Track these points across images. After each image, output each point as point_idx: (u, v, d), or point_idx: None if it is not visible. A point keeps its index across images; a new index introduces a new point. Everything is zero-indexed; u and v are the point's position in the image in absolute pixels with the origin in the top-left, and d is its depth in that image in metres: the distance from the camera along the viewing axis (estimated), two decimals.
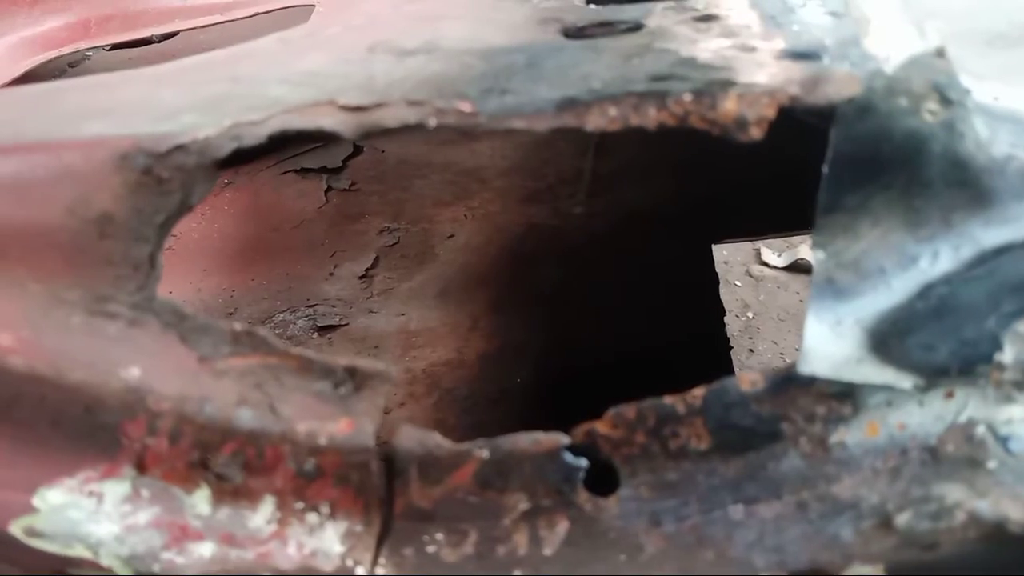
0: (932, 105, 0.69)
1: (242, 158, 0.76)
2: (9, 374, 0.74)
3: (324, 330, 1.73)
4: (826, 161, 0.70)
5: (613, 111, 0.70)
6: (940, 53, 0.71)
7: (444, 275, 1.80)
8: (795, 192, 1.49)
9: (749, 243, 2.79)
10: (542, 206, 1.84)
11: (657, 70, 0.73)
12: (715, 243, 1.79)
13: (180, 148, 0.73)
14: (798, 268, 2.75)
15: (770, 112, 0.68)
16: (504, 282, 1.75)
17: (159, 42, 1.93)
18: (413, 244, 1.85)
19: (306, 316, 1.75)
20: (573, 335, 1.65)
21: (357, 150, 1.88)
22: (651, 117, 0.69)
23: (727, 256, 2.79)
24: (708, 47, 0.77)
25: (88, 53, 2.00)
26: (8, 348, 0.74)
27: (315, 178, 1.91)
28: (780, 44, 0.76)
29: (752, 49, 0.76)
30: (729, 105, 0.69)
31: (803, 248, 2.73)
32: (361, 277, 1.80)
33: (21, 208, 0.76)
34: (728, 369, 1.59)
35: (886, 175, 0.70)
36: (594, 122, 0.70)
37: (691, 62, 0.74)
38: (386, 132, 0.73)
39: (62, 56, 1.80)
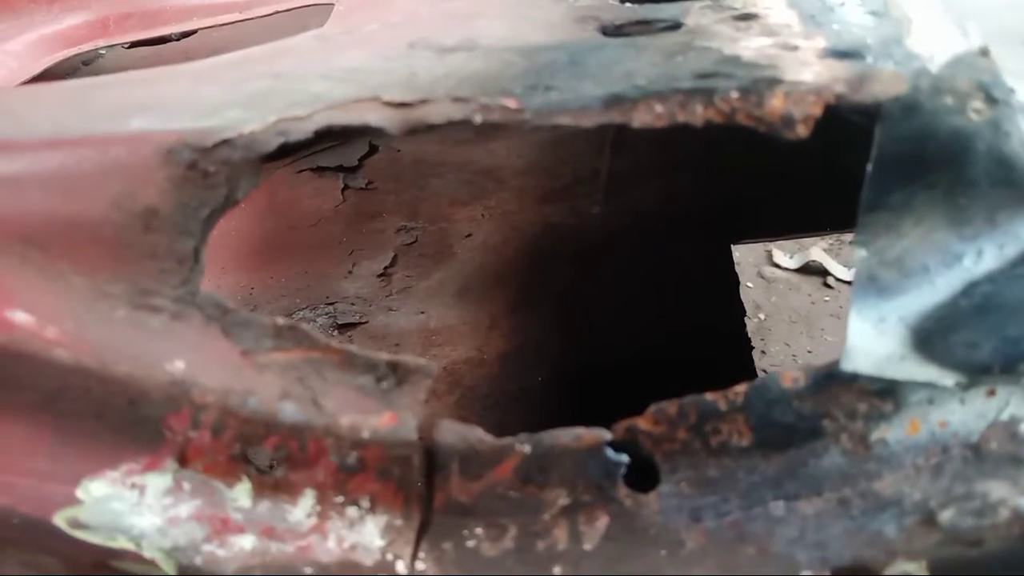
0: (977, 104, 0.69)
1: (286, 153, 0.76)
2: (54, 366, 0.74)
3: (344, 328, 1.73)
4: (871, 159, 0.70)
5: (660, 108, 0.70)
6: (984, 52, 0.72)
7: (462, 274, 1.80)
8: (814, 193, 1.50)
9: (761, 244, 2.79)
10: (559, 205, 1.84)
11: (702, 68, 0.73)
12: (734, 243, 1.80)
13: (226, 143, 0.74)
14: (809, 270, 2.76)
15: (817, 110, 0.68)
16: (522, 281, 1.76)
17: (177, 40, 1.94)
18: (431, 243, 1.85)
19: (326, 314, 1.76)
20: (592, 334, 1.66)
21: (373, 149, 1.89)
22: (698, 114, 0.70)
23: (739, 257, 2.79)
24: (750, 45, 0.77)
25: (102, 51, 2.01)
26: (53, 341, 0.74)
27: (332, 177, 1.92)
28: (822, 43, 0.77)
29: (794, 48, 0.76)
30: (776, 103, 0.69)
31: (814, 250, 2.73)
32: (380, 275, 1.81)
33: (66, 202, 0.76)
34: (749, 369, 1.59)
35: (931, 173, 0.70)
36: (640, 119, 0.70)
37: (735, 60, 0.74)
38: (431, 128, 0.73)
39: (78, 54, 1.80)
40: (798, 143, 0.70)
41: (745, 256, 2.82)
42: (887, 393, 0.73)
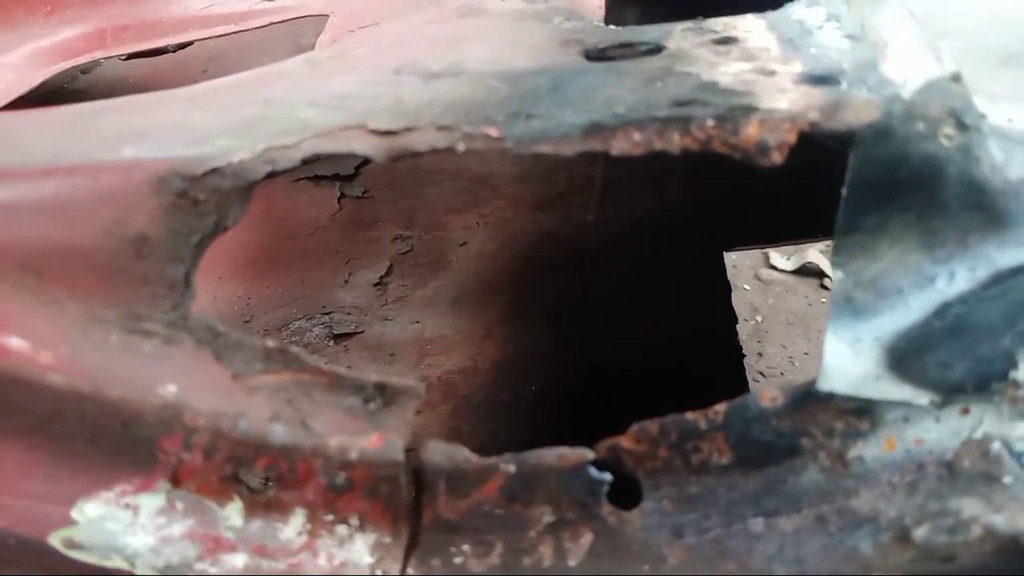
0: (948, 130, 0.70)
1: (275, 176, 0.78)
2: (49, 391, 0.76)
3: (340, 338, 1.75)
4: (845, 184, 0.71)
5: (637, 136, 0.72)
6: (956, 78, 0.73)
7: (458, 283, 1.81)
8: (807, 200, 1.51)
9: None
10: (554, 213, 1.85)
11: (679, 95, 0.75)
12: (727, 250, 1.81)
13: (215, 171, 0.75)
14: (807, 271, 2.76)
15: (791, 137, 0.70)
16: (517, 290, 1.77)
17: (174, 52, 1.95)
18: (426, 252, 1.86)
19: (322, 324, 1.77)
20: (586, 343, 1.67)
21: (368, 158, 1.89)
22: (675, 143, 0.71)
23: (735, 260, 2.80)
24: (728, 71, 0.79)
25: (100, 60, 2.02)
26: (48, 366, 0.76)
27: (328, 185, 1.93)
28: (799, 68, 0.78)
29: (771, 73, 0.78)
30: (751, 131, 0.70)
31: (811, 252, 2.74)
32: (375, 284, 1.82)
33: (60, 229, 0.78)
34: (741, 376, 1.61)
35: (904, 197, 0.71)
36: (619, 147, 0.72)
37: (712, 87, 0.76)
38: (415, 155, 0.75)
39: (75, 66, 1.81)
40: (793, 152, 0.72)
41: (742, 258, 2.83)
42: (863, 411, 0.74)
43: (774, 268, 2.81)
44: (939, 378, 0.72)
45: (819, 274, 2.74)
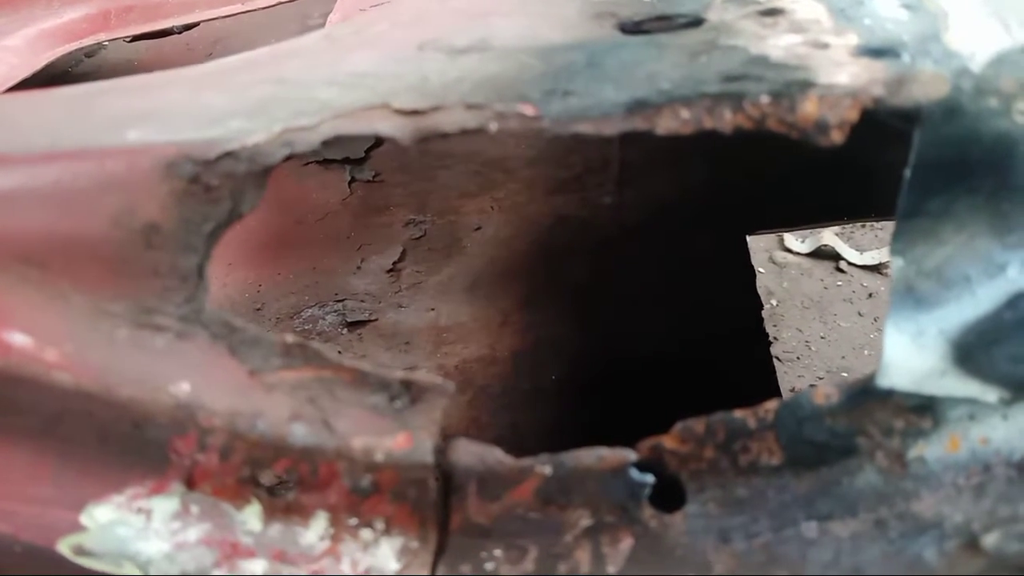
0: (1023, 106, 0.65)
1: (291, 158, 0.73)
2: (55, 390, 0.72)
3: (353, 326, 1.70)
4: (909, 164, 0.66)
5: (686, 113, 0.67)
6: None
7: (473, 268, 1.77)
8: (831, 183, 1.46)
9: None
10: (570, 196, 1.80)
11: (728, 69, 0.69)
12: (750, 234, 1.76)
13: (229, 155, 0.70)
14: (822, 254, 2.72)
15: (853, 115, 0.65)
16: (534, 276, 1.72)
17: (179, 33, 1.90)
18: (440, 237, 1.81)
19: (335, 311, 1.73)
20: (606, 329, 1.62)
21: (380, 140, 1.84)
22: (726, 120, 0.66)
23: (750, 243, 2.75)
24: (778, 44, 0.73)
25: (105, 43, 1.97)
26: (53, 363, 0.71)
27: (338, 169, 1.88)
28: (854, 40, 0.73)
29: (825, 46, 0.72)
30: (809, 108, 0.65)
31: (827, 234, 2.69)
32: (389, 271, 1.77)
33: (63, 218, 0.73)
34: (767, 364, 1.56)
35: (973, 179, 0.66)
36: (665, 125, 0.67)
37: (763, 60, 0.70)
38: (444, 136, 0.70)
39: (79, 48, 1.77)
40: None
41: (756, 241, 2.77)
42: (925, 409, 0.69)
43: (789, 251, 2.76)
44: (1009, 373, 0.67)
45: (835, 257, 2.70)
